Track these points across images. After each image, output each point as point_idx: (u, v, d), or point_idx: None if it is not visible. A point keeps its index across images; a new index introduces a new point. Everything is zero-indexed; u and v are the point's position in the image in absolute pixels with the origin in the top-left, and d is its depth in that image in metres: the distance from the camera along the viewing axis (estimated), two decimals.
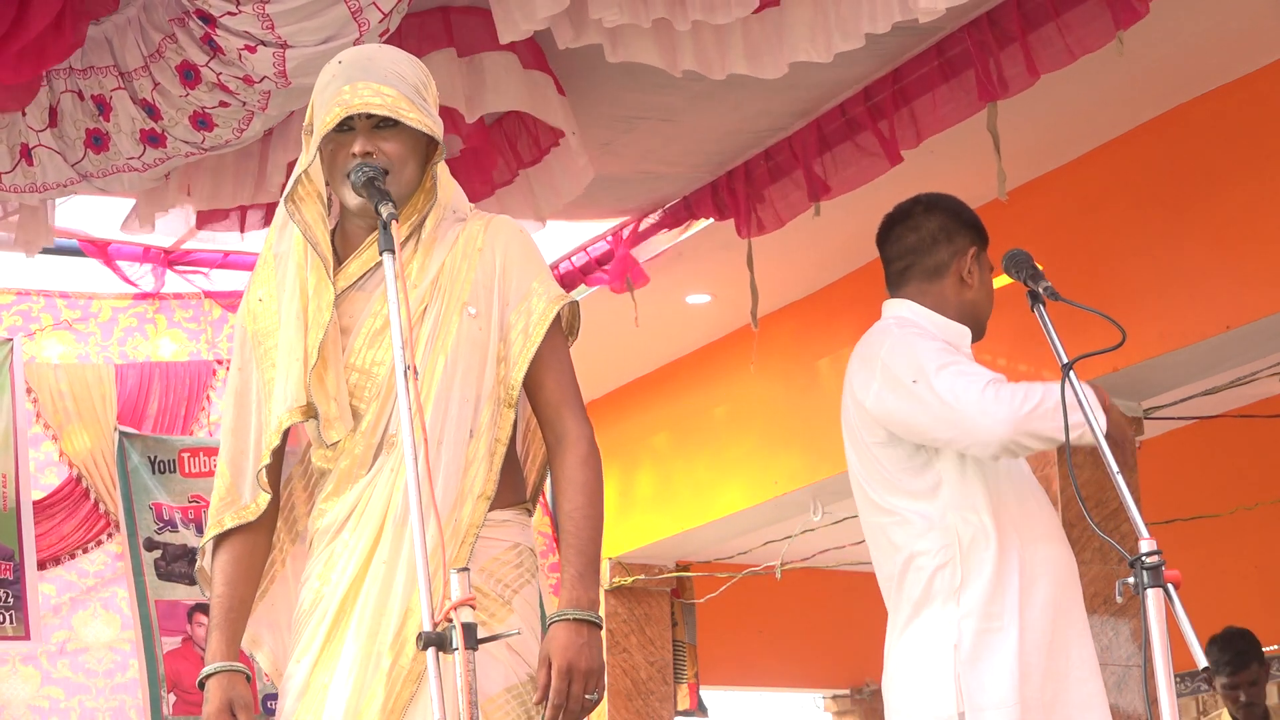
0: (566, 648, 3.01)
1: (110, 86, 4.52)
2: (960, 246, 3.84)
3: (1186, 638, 2.83)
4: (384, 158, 3.09)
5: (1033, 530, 3.71)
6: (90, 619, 5.98)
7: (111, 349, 6.09)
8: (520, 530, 3.21)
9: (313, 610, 3.12)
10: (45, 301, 6.05)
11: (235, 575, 3.21)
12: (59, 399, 5.96)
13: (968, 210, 3.93)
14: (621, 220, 6.32)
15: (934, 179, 5.03)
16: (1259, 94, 5.80)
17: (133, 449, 5.94)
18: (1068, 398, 3.33)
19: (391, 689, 3.01)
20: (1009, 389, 3.56)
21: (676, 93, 5.09)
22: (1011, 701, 3.54)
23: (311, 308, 3.13)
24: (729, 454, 8.19)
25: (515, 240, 3.23)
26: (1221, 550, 8.39)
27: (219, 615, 3.18)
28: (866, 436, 3.78)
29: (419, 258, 3.18)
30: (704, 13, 4.35)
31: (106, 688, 5.95)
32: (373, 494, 3.10)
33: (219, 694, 3.12)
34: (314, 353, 3.10)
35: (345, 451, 3.14)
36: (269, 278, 3.25)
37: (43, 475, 5.95)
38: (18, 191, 4.79)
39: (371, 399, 3.12)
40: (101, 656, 5.97)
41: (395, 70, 3.14)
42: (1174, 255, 6.04)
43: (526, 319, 3.17)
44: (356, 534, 3.09)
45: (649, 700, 8.91)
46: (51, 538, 5.92)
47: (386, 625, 3.04)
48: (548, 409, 3.20)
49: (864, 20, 4.40)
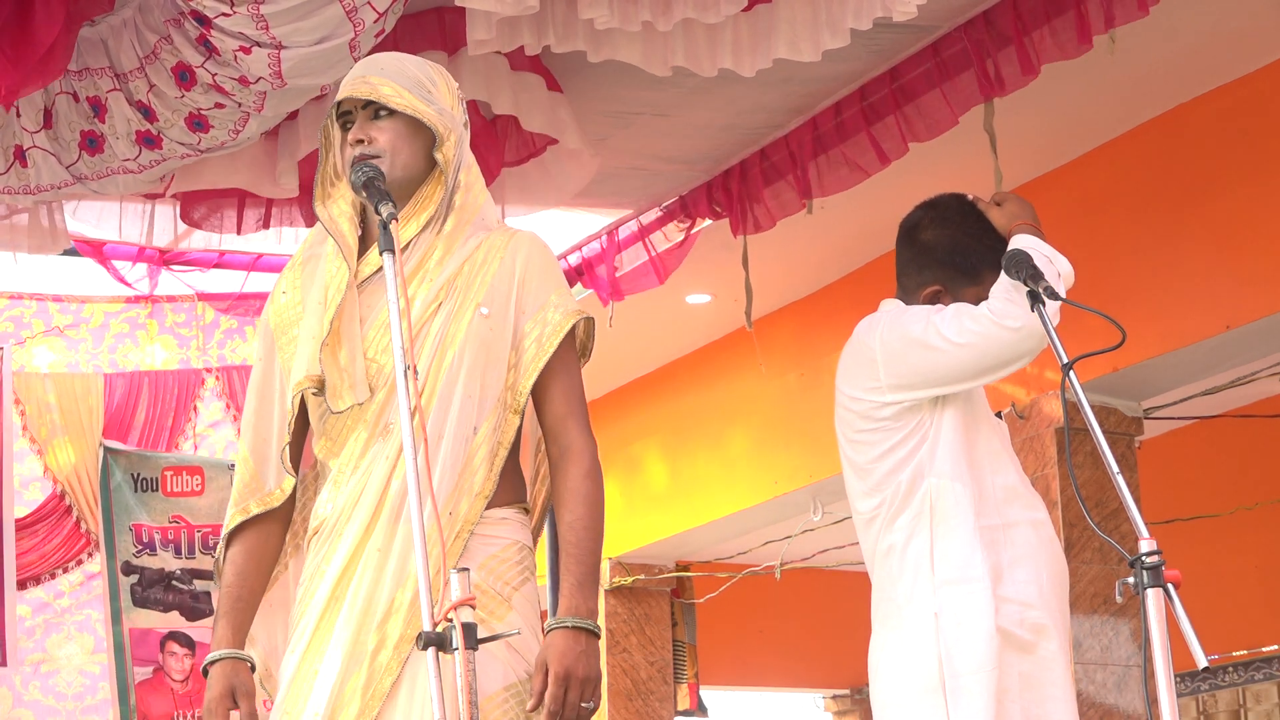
0: (565, 654, 3.03)
1: (106, 88, 4.51)
2: (926, 280, 3.86)
3: (1186, 638, 2.82)
4: (375, 145, 3.20)
5: (1009, 502, 3.73)
6: (64, 641, 5.96)
7: (102, 356, 6.07)
8: (519, 528, 3.23)
9: (305, 600, 3.17)
10: (38, 306, 6.03)
11: (247, 568, 3.27)
12: (46, 411, 5.94)
13: (966, 239, 3.86)
14: (619, 217, 6.31)
15: (932, 178, 5.02)
16: (1259, 94, 5.79)
17: (116, 466, 5.90)
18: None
19: (373, 677, 3.04)
20: (999, 303, 3.64)
21: (671, 89, 5.09)
22: (990, 666, 3.57)
23: (331, 290, 3.20)
24: (729, 454, 8.18)
25: (538, 253, 3.29)
26: (1221, 550, 8.38)
27: (227, 604, 3.24)
28: (853, 422, 3.80)
29: (439, 251, 3.24)
30: (696, 10, 4.34)
31: (76, 710, 5.93)
32: (367, 482, 3.14)
33: (222, 680, 3.16)
34: (327, 327, 3.17)
35: (346, 439, 3.18)
36: (296, 276, 3.34)
37: (27, 491, 5.92)
38: (11, 193, 4.78)
39: (379, 387, 3.18)
40: (72, 679, 5.95)
41: (397, 66, 3.27)
42: (1174, 255, 6.04)
43: (541, 329, 3.23)
44: (351, 523, 3.13)
45: (649, 700, 8.90)
46: (32, 556, 5.89)
47: (374, 614, 3.07)
48: (554, 420, 3.24)
49: (849, 17, 4.40)
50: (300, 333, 3.25)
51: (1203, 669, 2.87)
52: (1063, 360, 3.29)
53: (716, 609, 9.65)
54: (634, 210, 6.23)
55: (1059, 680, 3.66)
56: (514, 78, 4.87)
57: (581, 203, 6.06)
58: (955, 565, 3.65)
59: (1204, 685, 8.90)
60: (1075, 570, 6.27)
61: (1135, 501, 3.08)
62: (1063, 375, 3.28)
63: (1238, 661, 8.72)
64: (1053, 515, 5.94)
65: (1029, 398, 6.46)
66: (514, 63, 4.88)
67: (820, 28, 4.48)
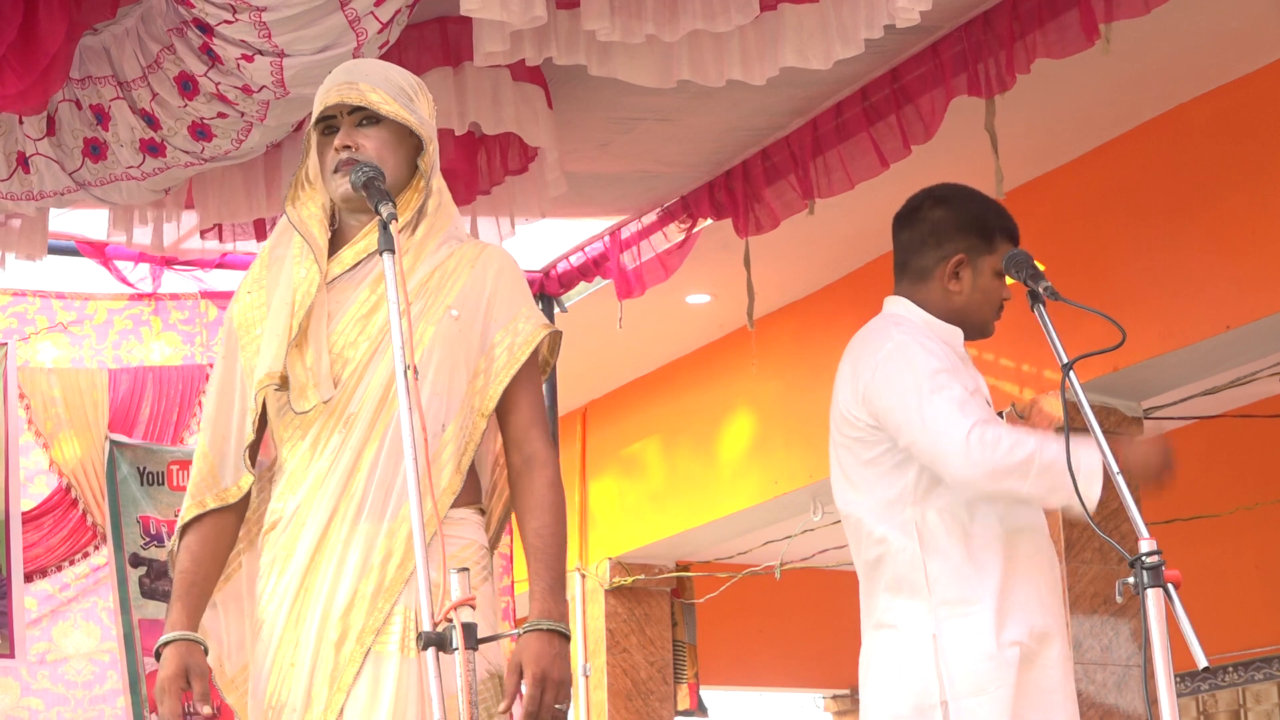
0: (540, 657, 3.10)
1: (109, 96, 4.51)
2: (947, 252, 3.76)
3: (1186, 638, 2.82)
4: (362, 152, 3.24)
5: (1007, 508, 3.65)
6: (70, 630, 5.95)
7: (106, 352, 6.07)
8: (477, 529, 3.30)
9: (270, 594, 3.21)
10: (41, 303, 6.03)
11: (201, 554, 3.31)
12: (51, 405, 5.94)
13: (977, 208, 3.81)
14: (620, 219, 6.31)
15: (933, 178, 5.02)
16: (1259, 94, 5.80)
17: (123, 459, 5.91)
18: (1056, 452, 3.32)
19: (338, 669, 3.10)
20: (996, 435, 3.47)
21: (674, 93, 5.09)
22: (993, 687, 3.51)
23: (299, 291, 3.25)
24: (729, 454, 8.19)
25: (508, 268, 3.38)
26: (1221, 550, 8.38)
27: (181, 588, 3.27)
28: (847, 431, 3.76)
29: (409, 258, 3.29)
30: (703, 21, 4.34)
31: (85, 699, 5.92)
32: (329, 474, 3.20)
33: (175, 660, 3.19)
34: (295, 328, 3.22)
35: (306, 432, 3.23)
36: (261, 275, 3.39)
37: (32, 484, 5.91)
38: (14, 199, 4.78)
39: (344, 380, 3.23)
40: (81, 667, 5.94)
41: (382, 73, 3.33)
42: (1174, 255, 6.04)
43: (513, 338, 3.30)
44: (314, 514, 3.18)
45: (649, 700, 8.91)
46: (39, 549, 5.89)
47: (336, 605, 3.13)
48: (519, 428, 3.31)
49: (861, 26, 4.39)
50: (264, 331, 3.29)
51: (1203, 669, 2.87)
52: (1063, 360, 3.29)
53: (716, 609, 9.65)
54: (636, 213, 6.24)
55: (1060, 686, 3.62)
56: (516, 89, 4.88)
57: (584, 210, 6.07)
58: (953, 586, 3.56)
59: (1204, 685, 8.90)
60: (1075, 570, 6.28)
61: (1135, 501, 3.08)
62: (1063, 375, 3.28)
63: (1238, 661, 8.72)
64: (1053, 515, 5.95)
65: (1029, 398, 6.47)
66: (515, 73, 4.88)
67: (830, 36, 4.46)
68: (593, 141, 5.57)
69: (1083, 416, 3.24)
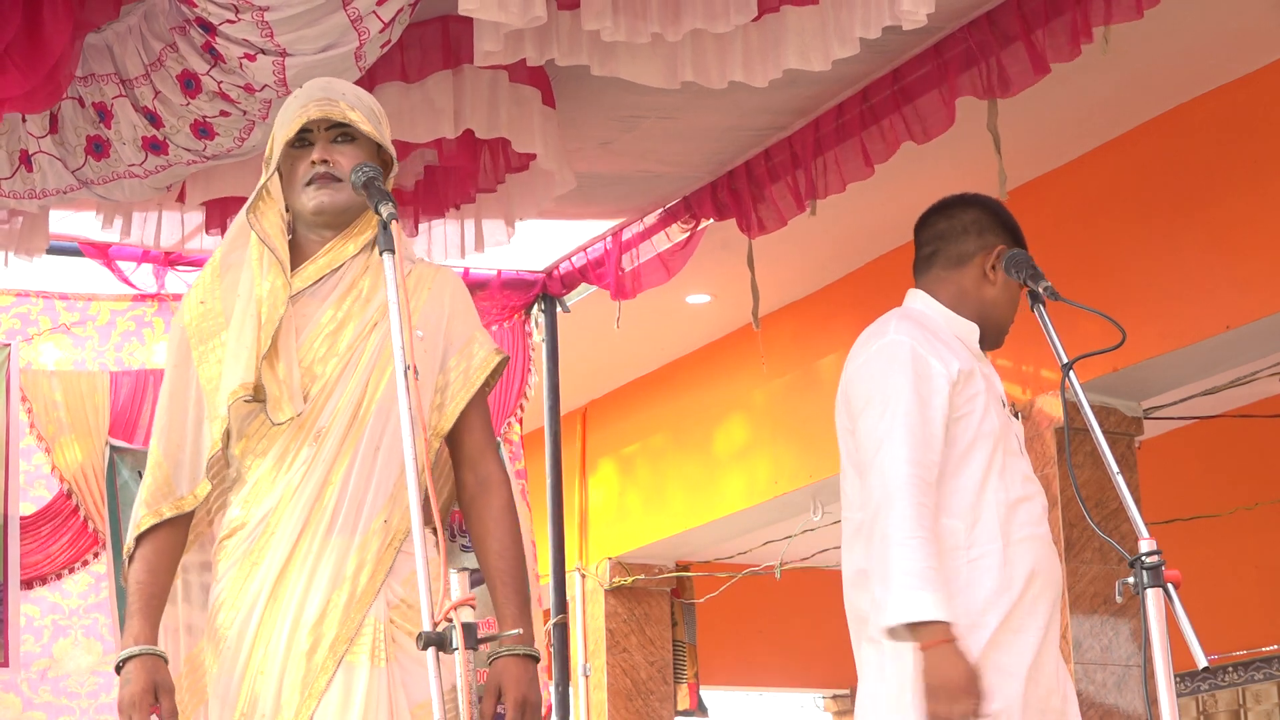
0: (519, 681, 3.17)
1: (111, 94, 4.52)
2: (989, 242, 3.75)
3: (1186, 638, 2.83)
4: (338, 168, 3.30)
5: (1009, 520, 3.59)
6: (71, 647, 5.94)
7: (108, 354, 6.07)
8: (434, 548, 3.29)
9: (234, 604, 3.22)
10: (44, 304, 6.03)
11: (158, 565, 3.32)
12: (52, 409, 5.93)
13: (1008, 214, 3.83)
14: (622, 220, 6.31)
15: (934, 179, 5.03)
16: (1259, 94, 5.80)
17: (123, 464, 5.90)
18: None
19: (309, 676, 3.12)
20: (913, 524, 3.39)
21: (676, 92, 5.09)
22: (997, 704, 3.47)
23: (266, 305, 3.27)
24: (729, 454, 8.19)
25: (460, 292, 3.45)
26: (1221, 550, 8.38)
27: (140, 601, 3.28)
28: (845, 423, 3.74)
29: (369, 277, 3.34)
30: (705, 20, 4.34)
31: (90, 708, 5.91)
32: (298, 488, 3.22)
33: (142, 675, 3.18)
34: (267, 341, 3.24)
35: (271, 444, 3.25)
36: (213, 284, 3.41)
37: (33, 488, 5.92)
38: (17, 197, 4.79)
39: (314, 395, 3.26)
40: (84, 680, 5.94)
41: (355, 94, 3.40)
42: (1174, 255, 6.04)
43: (468, 363, 3.37)
44: (284, 525, 3.21)
45: (649, 700, 8.91)
46: (38, 555, 5.88)
47: (308, 616, 3.15)
48: (473, 450, 3.37)
49: (857, 26, 4.39)
50: (229, 343, 3.31)
51: (1203, 669, 2.87)
52: (1063, 360, 3.29)
53: (716, 609, 9.66)
54: (638, 214, 6.24)
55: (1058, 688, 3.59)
56: (512, 91, 4.88)
57: (587, 210, 6.07)
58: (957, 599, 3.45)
59: (1204, 685, 8.91)
60: (1075, 570, 6.28)
61: (1135, 501, 3.08)
62: (1063, 375, 3.28)
63: (1238, 661, 8.73)
64: (1053, 515, 5.96)
65: (1028, 397, 6.47)
66: (513, 75, 4.88)
67: (829, 37, 4.47)
68: (595, 140, 5.57)
69: (1083, 416, 3.24)
